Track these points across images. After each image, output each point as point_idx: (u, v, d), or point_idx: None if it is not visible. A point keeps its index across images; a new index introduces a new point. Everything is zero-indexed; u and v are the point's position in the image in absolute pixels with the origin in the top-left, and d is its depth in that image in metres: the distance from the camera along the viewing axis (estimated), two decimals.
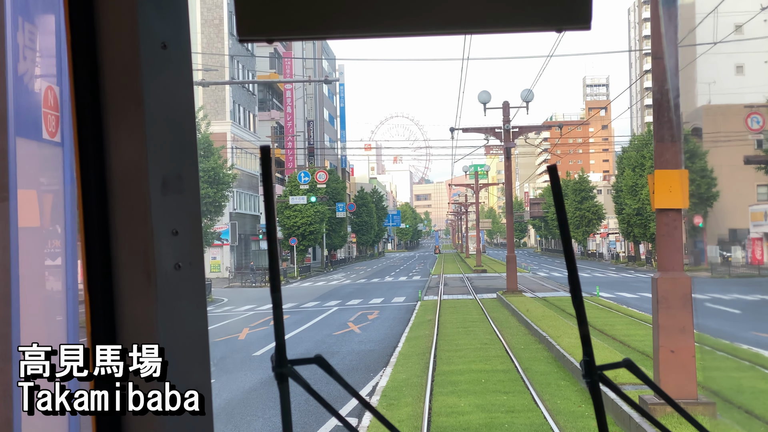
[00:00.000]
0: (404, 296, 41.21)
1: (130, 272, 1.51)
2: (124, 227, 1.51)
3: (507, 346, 19.98)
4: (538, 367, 16.67)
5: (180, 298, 1.53)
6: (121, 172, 1.51)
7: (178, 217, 1.53)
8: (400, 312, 32.29)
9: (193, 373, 1.53)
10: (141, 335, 1.50)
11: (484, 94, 38.24)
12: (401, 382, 15.75)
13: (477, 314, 29.00)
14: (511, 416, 12.20)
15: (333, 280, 60.72)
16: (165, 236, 1.51)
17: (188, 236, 1.54)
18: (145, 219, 1.49)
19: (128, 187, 1.51)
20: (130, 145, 1.50)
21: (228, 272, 67.09)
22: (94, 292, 1.50)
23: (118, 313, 1.51)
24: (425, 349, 20.12)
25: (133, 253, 1.51)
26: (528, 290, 39.73)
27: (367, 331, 25.97)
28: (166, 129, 1.52)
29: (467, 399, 13.67)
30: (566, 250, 1.44)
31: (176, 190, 1.52)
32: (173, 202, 1.52)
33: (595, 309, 28.96)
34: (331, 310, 34.47)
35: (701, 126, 71.54)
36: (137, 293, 1.50)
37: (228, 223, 69.81)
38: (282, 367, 1.39)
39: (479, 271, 67.02)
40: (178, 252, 1.52)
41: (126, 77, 1.51)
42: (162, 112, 1.52)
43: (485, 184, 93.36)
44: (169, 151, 1.52)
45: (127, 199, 1.51)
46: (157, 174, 1.50)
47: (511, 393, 14.07)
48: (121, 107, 1.51)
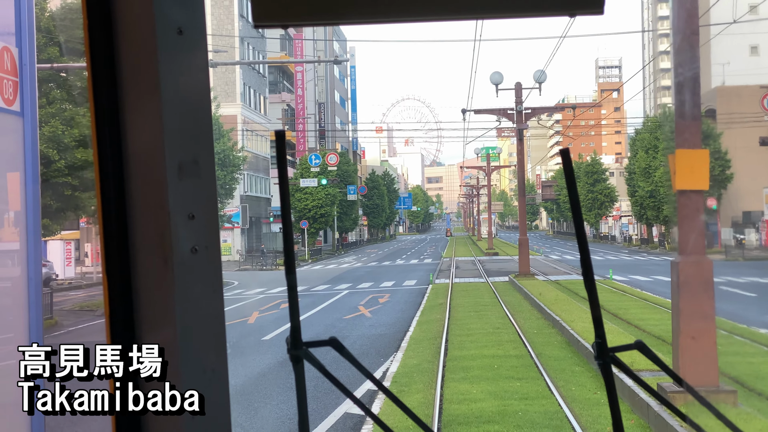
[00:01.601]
0: (415, 279, 40.89)
1: (148, 256, 1.52)
2: (141, 212, 1.52)
3: (520, 330, 19.64)
4: (551, 353, 16.32)
5: (197, 281, 1.53)
6: (138, 157, 1.52)
7: (194, 201, 1.53)
8: (412, 295, 31.98)
9: (209, 356, 1.53)
10: (159, 318, 1.51)
11: (496, 75, 37.78)
12: (412, 367, 15.43)
13: (489, 298, 28.66)
14: (524, 404, 11.87)
15: (344, 263, 60.44)
16: (182, 220, 1.51)
17: (205, 220, 1.54)
18: (161, 203, 1.50)
19: (145, 172, 1.51)
20: (146, 130, 1.51)
21: (239, 255, 66.85)
22: (112, 277, 1.51)
23: (136, 296, 1.52)
24: (437, 334, 19.80)
25: (150, 238, 1.51)
26: (540, 273, 39.36)
27: (377, 315, 25.66)
28: (182, 114, 1.53)
29: (480, 385, 13.34)
30: (578, 233, 1.47)
31: (192, 174, 1.53)
32: (190, 187, 1.52)
33: (608, 292, 28.57)
34: (341, 293, 34.19)
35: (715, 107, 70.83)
36: (155, 277, 1.51)
37: (239, 206, 69.55)
38: (297, 349, 1.44)
39: (491, 254, 66.65)
40: (195, 236, 1.53)
41: (142, 63, 1.52)
42: (178, 97, 1.52)
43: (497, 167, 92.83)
44: (185, 135, 1.53)
45: (143, 183, 1.51)
46: (174, 158, 1.50)
47: (525, 379, 13.73)
48: (137, 93, 1.52)
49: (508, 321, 21.72)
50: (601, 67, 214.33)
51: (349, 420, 11.76)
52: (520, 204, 38.83)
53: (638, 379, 1.56)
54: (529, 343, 17.47)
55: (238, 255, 67.20)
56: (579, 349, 16.19)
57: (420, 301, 29.25)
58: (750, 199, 67.27)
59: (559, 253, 67.61)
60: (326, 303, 29.83)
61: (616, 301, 25.48)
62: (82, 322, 27.53)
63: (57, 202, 26.74)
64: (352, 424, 11.54)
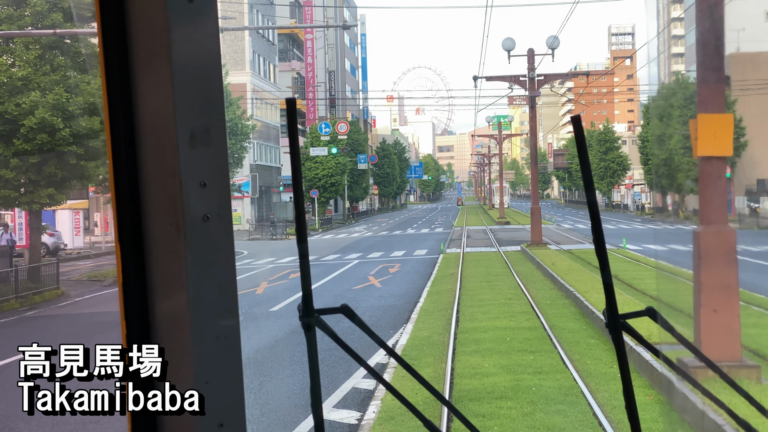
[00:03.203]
0: (426, 249, 40.49)
1: (160, 224, 1.52)
2: (153, 180, 1.52)
3: (532, 301, 19.24)
4: (565, 324, 15.91)
5: (209, 249, 1.52)
6: (150, 126, 1.52)
7: (206, 169, 1.53)
8: (422, 265, 31.59)
9: (221, 322, 1.53)
10: (171, 285, 1.51)
11: (508, 42, 37.14)
12: (422, 340, 15.05)
13: (501, 267, 28.25)
14: (538, 378, 11.47)
15: (354, 233, 60.08)
16: (194, 188, 1.51)
17: (216, 188, 1.54)
18: (173, 172, 1.50)
19: (157, 141, 1.51)
20: (158, 99, 1.51)
21: (249, 225, 66.53)
22: (125, 244, 1.52)
23: (149, 263, 1.53)
24: (447, 305, 19.41)
25: (162, 205, 1.51)
26: (552, 242, 38.90)
27: (387, 285, 25.29)
28: (193, 82, 1.52)
29: (491, 359, 12.95)
30: (589, 200, 1.47)
31: (204, 143, 1.52)
32: (201, 155, 1.52)
33: (621, 261, 28.15)
34: (351, 263, 33.84)
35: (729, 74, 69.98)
36: (167, 244, 1.51)
37: (248, 175, 69.15)
38: (309, 316, 1.46)
39: (502, 223, 66.23)
40: (207, 204, 1.52)
41: (153, 31, 1.51)
42: (189, 66, 1.51)
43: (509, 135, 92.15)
44: (196, 104, 1.52)
45: (155, 152, 1.51)
46: (185, 127, 1.50)
47: (538, 352, 13.34)
48: (148, 61, 1.51)
49: (520, 291, 21.32)
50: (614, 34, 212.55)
51: (357, 395, 11.39)
52: (533, 172, 38.31)
53: (650, 346, 1.58)
54: (542, 315, 17.07)
55: (248, 224, 66.89)
56: (593, 320, 15.79)
57: (431, 271, 28.87)
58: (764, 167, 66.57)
59: (571, 221, 67.10)
60: (336, 273, 29.47)
61: (631, 270, 25.05)
62: (90, 292, 27.26)
63: (62, 171, 26.32)
64: (359, 399, 11.18)
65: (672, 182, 67.84)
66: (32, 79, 25.32)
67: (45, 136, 24.98)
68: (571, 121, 1.51)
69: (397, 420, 9.66)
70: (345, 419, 10.16)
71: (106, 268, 34.16)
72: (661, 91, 73.86)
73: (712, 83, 9.79)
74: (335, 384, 11.88)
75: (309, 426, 9.90)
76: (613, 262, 27.63)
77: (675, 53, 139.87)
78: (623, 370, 1.51)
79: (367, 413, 10.27)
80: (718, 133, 9.66)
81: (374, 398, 10.99)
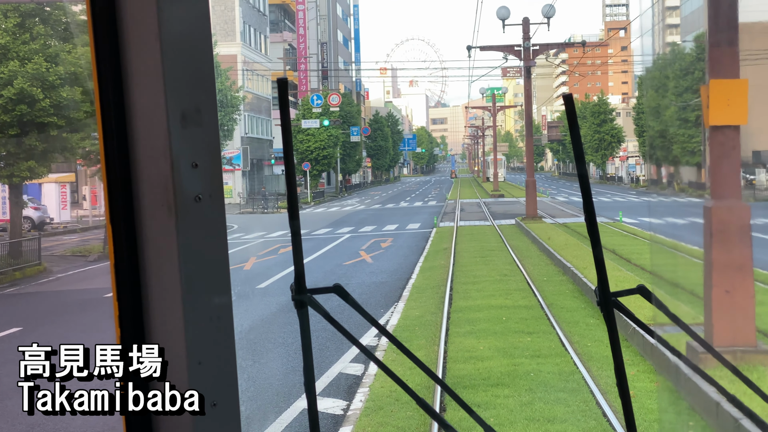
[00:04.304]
0: (419, 222, 39.77)
1: (152, 204, 1.51)
2: (144, 161, 1.52)
3: (528, 277, 18.56)
4: (563, 303, 15.23)
5: (201, 229, 1.52)
6: (141, 106, 1.52)
7: (197, 149, 1.53)
8: (415, 239, 30.89)
9: (213, 302, 1.53)
10: (163, 266, 1.51)
11: (503, 10, 36.28)
12: (414, 320, 14.37)
13: (495, 242, 27.56)
14: (536, 362, 10.79)
15: (347, 206, 59.34)
16: (185, 169, 1.51)
17: (208, 169, 1.54)
18: (165, 153, 1.50)
19: (148, 121, 1.51)
20: (148, 79, 1.50)
21: (240, 198, 65.78)
22: (116, 224, 1.52)
23: (141, 244, 1.52)
24: (440, 282, 18.73)
25: (154, 186, 1.51)
26: (548, 216, 38.20)
27: (379, 260, 24.59)
28: (183, 62, 1.52)
29: (487, 341, 12.27)
30: (580, 174, 1.48)
31: (195, 123, 1.52)
32: (193, 135, 1.52)
33: (619, 236, 27.48)
34: (343, 237, 33.14)
35: None
36: (159, 225, 1.51)
37: (239, 148, 68.34)
38: (301, 294, 1.47)
39: (496, 196, 65.54)
40: (199, 184, 1.52)
41: (143, 10, 1.50)
42: (179, 45, 1.51)
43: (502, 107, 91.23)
44: (187, 84, 1.52)
45: (146, 132, 1.51)
46: (176, 107, 1.50)
47: (536, 333, 12.66)
48: (138, 41, 1.50)
49: (515, 267, 20.64)
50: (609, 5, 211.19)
51: (344, 382, 10.72)
52: (528, 144, 37.55)
53: (643, 325, 1.63)
54: (539, 292, 16.40)
55: (239, 198, 66.14)
56: (593, 298, 15.10)
57: (423, 245, 28.17)
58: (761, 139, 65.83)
59: (566, 194, 66.40)
60: (326, 248, 28.77)
61: (628, 245, 24.38)
62: (73, 268, 26.54)
63: (43, 143, 25.49)
64: (346, 386, 10.49)
65: (667, 154, 67.17)
66: (11, 48, 24.46)
67: (24, 107, 24.11)
68: (563, 99, 1.51)
69: (385, 410, 8.98)
70: (330, 409, 9.47)
71: (92, 243, 33.36)
72: (657, 62, 73.11)
73: (724, 46, 9.04)
74: (321, 369, 11.18)
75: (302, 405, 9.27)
76: (610, 236, 26.97)
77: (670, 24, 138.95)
78: (615, 348, 1.50)
79: (354, 402, 9.59)
80: (731, 100, 8.93)
81: (362, 385, 10.30)
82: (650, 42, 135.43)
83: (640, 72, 77.05)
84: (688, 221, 34.96)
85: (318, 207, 59.86)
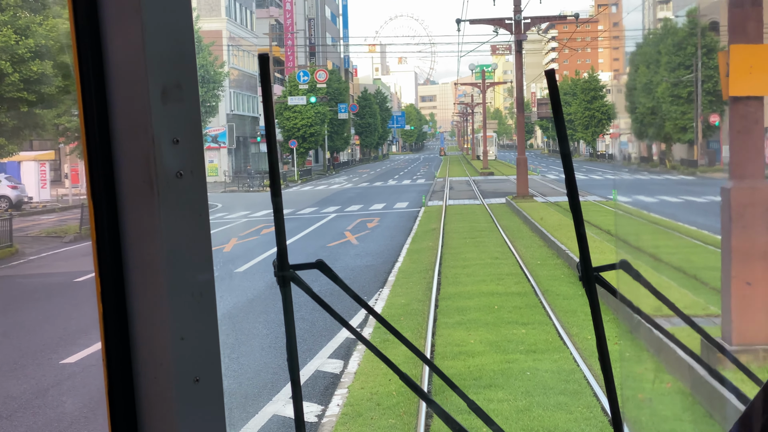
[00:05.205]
0: (407, 201, 38.74)
1: (133, 181, 1.50)
2: (125, 136, 1.51)
3: (521, 260, 17.57)
4: (559, 289, 14.23)
5: (182, 205, 1.51)
6: (121, 81, 1.49)
7: (178, 125, 1.51)
8: (402, 219, 29.87)
9: (196, 278, 1.52)
10: (145, 242, 1.50)
11: None
12: (399, 308, 13.36)
13: (485, 222, 26.55)
14: (533, 359, 9.79)
15: (334, 184, 58.25)
16: (166, 145, 1.50)
17: (189, 145, 1.53)
18: (146, 128, 1.48)
19: (128, 96, 1.49)
20: (129, 55, 1.48)
21: (225, 176, 64.63)
22: (97, 201, 1.51)
23: (122, 220, 1.52)
24: (428, 265, 17.73)
25: (134, 162, 1.50)
26: (539, 194, 37.22)
27: (365, 241, 23.57)
28: (164, 37, 1.49)
29: (477, 333, 11.28)
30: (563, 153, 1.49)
31: (176, 98, 1.50)
32: (173, 111, 1.50)
33: (613, 215, 26.50)
34: (328, 216, 32.11)
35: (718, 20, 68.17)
36: (140, 201, 1.50)
37: (225, 125, 67.13)
38: (284, 270, 1.48)
39: (486, 174, 64.58)
40: (179, 160, 1.51)
41: None
42: (160, 21, 1.48)
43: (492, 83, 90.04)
44: (167, 59, 1.50)
45: (127, 108, 1.49)
46: (157, 82, 1.48)
47: (531, 325, 11.66)
48: (119, 16, 1.48)
49: (507, 249, 19.65)
50: None
51: (320, 382, 9.71)
52: (519, 120, 36.48)
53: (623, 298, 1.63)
54: (533, 277, 15.41)
55: (225, 176, 64.99)
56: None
57: (411, 226, 27.15)
58: None
59: (557, 172, 65.41)
60: (311, 228, 27.74)
61: (624, 225, 23.41)
62: (47, 250, 25.44)
63: (12, 119, 24.35)
64: (322, 387, 9.49)
65: (659, 131, 66.23)
66: None
67: None
68: (545, 75, 1.51)
69: (365, 417, 7.99)
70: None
71: (69, 223, 32.19)
72: (648, 37, 71.97)
73: (747, 6, 8.00)
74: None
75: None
76: (604, 215, 26.02)
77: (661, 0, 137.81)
78: (597, 323, 1.48)
79: (330, 407, 8.59)
80: (755, 67, 7.91)
81: (340, 385, 9.30)
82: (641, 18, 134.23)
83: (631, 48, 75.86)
84: (683, 200, 34.06)
85: (305, 185, 58.77)
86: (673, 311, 1.57)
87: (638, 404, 8.03)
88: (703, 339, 6.82)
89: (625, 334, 10.73)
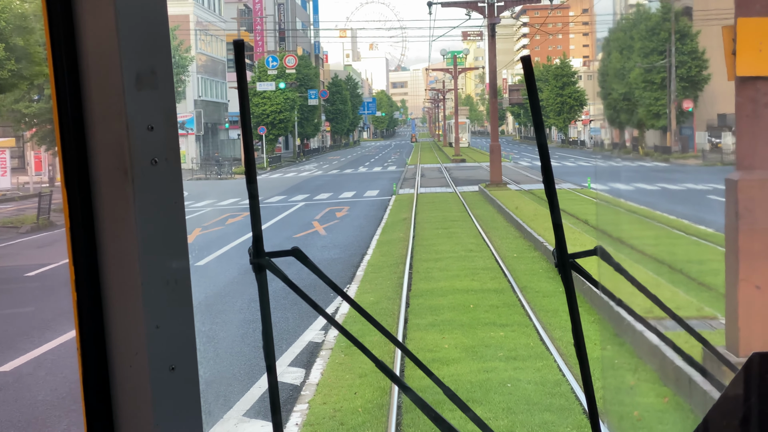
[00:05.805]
0: (378, 189, 37.78)
1: (107, 168, 1.49)
2: (99, 123, 1.49)
3: (496, 253, 16.68)
4: (538, 286, 13.33)
5: (157, 193, 1.49)
6: (95, 68, 1.48)
7: (153, 112, 1.50)
8: (372, 208, 28.91)
9: (170, 265, 1.50)
10: (119, 230, 1.48)
11: None
12: (367, 307, 12.37)
13: (458, 211, 25.65)
14: (513, 368, 8.87)
15: (304, 171, 57.18)
16: (141, 132, 1.48)
17: (164, 132, 1.51)
18: (120, 115, 1.47)
19: (102, 83, 1.47)
20: (102, 41, 1.46)
21: (193, 163, 63.36)
22: (71, 188, 1.50)
23: (96, 207, 1.50)
24: (399, 259, 16.80)
25: (109, 149, 1.49)
26: (512, 182, 36.36)
27: (333, 232, 22.60)
28: (138, 23, 1.47)
29: (452, 336, 10.36)
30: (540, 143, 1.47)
31: (150, 85, 1.49)
32: (148, 98, 1.49)
33: (590, 204, 25.70)
34: (296, 205, 31.11)
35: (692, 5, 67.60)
36: (114, 189, 1.48)
37: (193, 111, 65.82)
38: (259, 257, 1.46)
39: (458, 161, 63.73)
40: (154, 147, 1.50)
41: None
42: (134, 6, 1.46)
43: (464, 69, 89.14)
44: (142, 45, 1.48)
45: (101, 94, 1.48)
46: (131, 69, 1.46)
47: (509, 326, 10.75)
48: (92, 1, 1.46)
49: (482, 241, 18.75)
50: None
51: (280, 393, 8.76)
52: (492, 106, 35.61)
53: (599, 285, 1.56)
54: (510, 272, 14.51)
55: (192, 163, 63.75)
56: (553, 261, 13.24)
57: (381, 215, 26.20)
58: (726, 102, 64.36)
59: (529, 159, 64.64)
60: (278, 218, 26.72)
61: (603, 214, 22.59)
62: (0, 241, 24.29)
63: None
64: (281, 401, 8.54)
65: (631, 117, 65.66)
66: None
67: None
68: (521, 61, 1.46)
69: None
70: None
71: (28, 212, 30.99)
72: (621, 23, 71.36)
73: None
74: (252, 377, 9.21)
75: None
76: (579, 203, 25.21)
77: None
78: (572, 310, 1.47)
79: (287, 426, 7.63)
80: (764, 44, 7.01)
81: (300, 399, 8.35)
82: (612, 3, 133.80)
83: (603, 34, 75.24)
84: (658, 187, 33.35)
85: (274, 172, 57.68)
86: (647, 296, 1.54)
87: (618, 400, 7.15)
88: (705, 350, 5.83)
89: (604, 324, 9.82)
